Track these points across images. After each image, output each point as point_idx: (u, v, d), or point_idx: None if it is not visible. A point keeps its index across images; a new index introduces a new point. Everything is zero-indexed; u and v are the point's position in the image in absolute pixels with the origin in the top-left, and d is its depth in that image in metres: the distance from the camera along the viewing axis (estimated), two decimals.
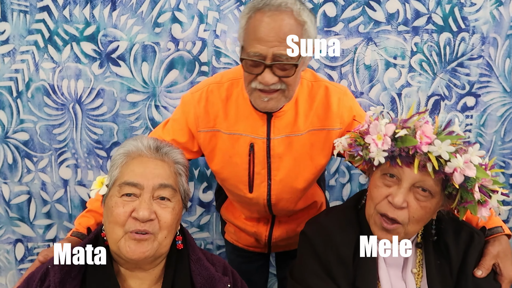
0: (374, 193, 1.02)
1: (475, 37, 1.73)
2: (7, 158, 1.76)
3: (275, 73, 1.08)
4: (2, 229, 1.84)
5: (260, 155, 1.24)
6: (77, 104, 1.73)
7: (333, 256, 1.04)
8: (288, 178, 1.27)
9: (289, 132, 1.23)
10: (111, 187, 0.98)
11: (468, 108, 1.81)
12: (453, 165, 0.92)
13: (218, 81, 1.27)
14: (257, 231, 1.43)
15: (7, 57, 1.67)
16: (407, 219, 0.99)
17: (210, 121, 1.25)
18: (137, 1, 1.64)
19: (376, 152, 0.98)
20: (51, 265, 0.91)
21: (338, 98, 1.25)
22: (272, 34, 1.04)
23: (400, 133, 0.96)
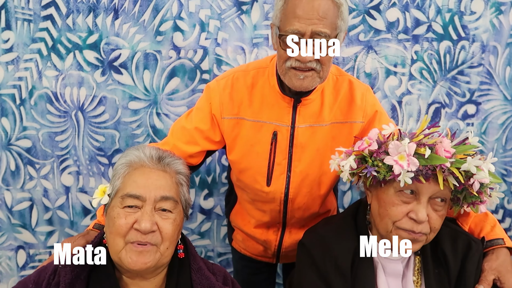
0: (393, 211, 1.01)
1: (475, 45, 1.74)
2: (10, 165, 1.78)
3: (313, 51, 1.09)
4: (4, 236, 1.84)
5: (282, 144, 1.25)
6: (79, 112, 1.74)
7: (332, 266, 1.05)
8: (308, 170, 1.27)
9: (313, 122, 1.25)
10: (113, 197, 0.98)
11: (469, 116, 1.81)
12: (479, 177, 0.97)
13: (244, 69, 1.29)
14: (267, 239, 1.41)
15: (10, 65, 1.69)
16: (429, 230, 1.01)
17: (235, 108, 1.26)
18: (139, 10, 1.66)
19: (403, 174, 0.97)
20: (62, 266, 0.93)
21: (362, 93, 1.27)
22: (310, 12, 1.06)
23: (427, 153, 0.96)
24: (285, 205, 1.32)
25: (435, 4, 1.70)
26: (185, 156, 1.25)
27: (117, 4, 1.65)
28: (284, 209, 1.33)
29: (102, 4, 1.65)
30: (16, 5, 1.64)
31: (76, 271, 0.94)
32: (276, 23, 1.14)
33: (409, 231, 1.00)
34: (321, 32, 1.07)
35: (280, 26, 1.12)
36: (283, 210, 1.33)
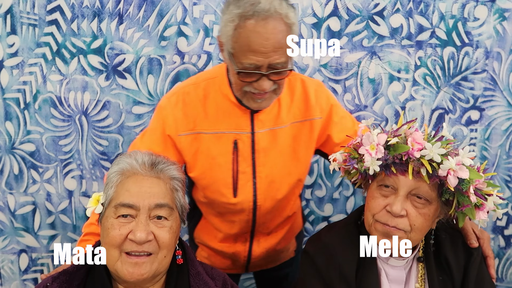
0: (372, 204, 1.04)
1: (478, 51, 1.74)
2: (13, 168, 1.78)
3: (270, 79, 1.09)
4: (7, 239, 1.84)
5: (244, 151, 1.23)
6: (83, 116, 1.74)
7: (336, 274, 1.05)
8: (273, 173, 1.27)
9: (273, 125, 1.24)
10: (107, 206, 0.96)
11: (472, 122, 1.81)
12: (446, 167, 0.95)
13: (193, 82, 1.26)
14: (235, 252, 1.38)
15: (15, 69, 1.70)
16: (408, 227, 1.00)
17: (190, 123, 1.23)
18: (143, 15, 1.67)
19: (370, 162, 1.01)
20: (50, 283, 0.91)
21: (315, 89, 1.29)
22: (266, 44, 1.04)
23: (392, 141, 1.00)
24: (254, 213, 1.30)
25: (438, 10, 1.70)
26: None
27: (121, 9, 1.66)
28: (253, 217, 1.31)
29: (107, 9, 1.66)
30: (21, 9, 1.65)
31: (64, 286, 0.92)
32: (228, 47, 1.10)
33: (384, 224, 1.01)
34: (278, 64, 1.06)
35: (234, 54, 1.08)
36: (252, 218, 1.31)
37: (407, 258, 1.08)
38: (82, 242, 1.14)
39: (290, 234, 1.45)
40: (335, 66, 1.74)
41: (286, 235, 1.43)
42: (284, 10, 1.05)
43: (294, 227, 1.47)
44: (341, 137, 1.29)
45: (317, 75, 1.73)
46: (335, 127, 1.30)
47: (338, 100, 1.75)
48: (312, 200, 1.86)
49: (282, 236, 1.41)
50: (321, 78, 1.74)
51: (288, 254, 1.49)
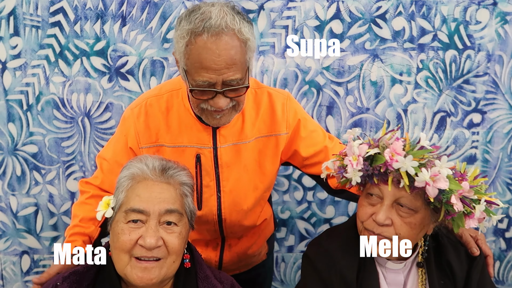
0: (360, 212, 1.06)
1: (480, 54, 1.74)
2: (16, 170, 1.78)
3: (226, 96, 1.06)
4: (9, 241, 1.85)
5: (207, 166, 1.22)
6: (85, 118, 1.75)
7: (337, 279, 1.05)
8: (238, 187, 1.25)
9: (236, 140, 1.22)
10: (117, 211, 0.97)
11: (474, 125, 1.81)
12: (420, 179, 0.95)
13: (156, 94, 1.23)
14: (206, 257, 1.37)
15: (18, 71, 1.70)
16: (394, 235, 1.01)
17: (152, 136, 1.21)
18: (146, 17, 1.68)
19: (352, 173, 1.02)
20: (60, 282, 0.92)
21: (282, 104, 1.25)
22: (218, 61, 1.00)
23: (370, 152, 1.00)
24: (220, 224, 1.30)
25: (440, 13, 1.71)
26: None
27: (124, 12, 1.67)
28: (219, 228, 1.31)
29: (110, 11, 1.66)
30: (24, 11, 1.66)
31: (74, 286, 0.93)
32: (182, 64, 1.07)
33: (370, 231, 1.03)
34: (232, 81, 1.03)
35: (187, 71, 1.05)
36: (219, 229, 1.31)
37: (405, 261, 1.08)
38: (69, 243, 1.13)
39: (261, 240, 1.45)
40: (337, 69, 1.74)
41: (258, 240, 1.43)
42: (237, 26, 1.02)
43: (266, 232, 1.47)
44: (309, 151, 1.27)
45: (319, 78, 1.74)
46: (302, 142, 1.27)
47: (340, 103, 1.76)
48: (314, 202, 1.86)
49: (253, 241, 1.41)
50: (323, 80, 1.74)
51: (260, 258, 1.49)
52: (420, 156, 0.99)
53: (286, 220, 1.88)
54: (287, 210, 1.87)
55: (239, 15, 1.04)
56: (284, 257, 1.92)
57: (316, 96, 1.76)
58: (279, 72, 1.73)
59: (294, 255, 1.92)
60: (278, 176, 1.83)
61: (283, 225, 1.89)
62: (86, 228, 1.16)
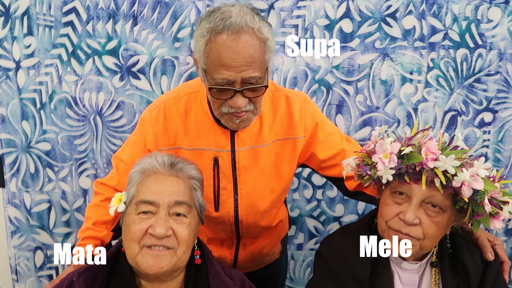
0: (384, 211, 1.04)
1: (492, 53, 1.73)
2: (29, 167, 1.81)
3: (245, 96, 1.06)
4: (23, 237, 1.88)
5: (225, 168, 1.22)
6: (97, 116, 1.77)
7: (350, 277, 1.05)
8: (255, 190, 1.26)
9: (254, 144, 1.22)
10: (129, 204, 1.00)
11: (485, 124, 1.80)
12: (460, 179, 0.94)
13: (175, 96, 1.23)
14: (222, 255, 1.38)
15: (32, 70, 1.73)
16: (421, 235, 1.00)
17: (171, 139, 1.22)
18: (157, 17, 1.69)
19: (383, 170, 1.01)
20: (76, 277, 0.94)
21: (300, 106, 1.24)
22: (237, 59, 1.00)
23: (406, 150, 0.99)
24: (237, 225, 1.30)
25: (451, 12, 1.70)
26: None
27: (136, 11, 1.68)
28: (236, 228, 1.31)
29: (122, 11, 1.68)
30: (38, 11, 1.68)
31: (89, 281, 0.95)
32: (201, 63, 1.07)
33: (397, 231, 1.01)
34: (251, 78, 1.03)
35: (207, 70, 1.05)
36: (235, 229, 1.32)
37: (420, 262, 1.08)
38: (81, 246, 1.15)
39: (276, 239, 1.46)
40: (347, 68, 1.74)
41: (272, 240, 1.44)
42: (257, 24, 1.02)
43: (281, 233, 1.48)
44: (327, 154, 1.27)
45: (329, 77, 1.74)
46: (319, 145, 1.27)
47: (350, 102, 1.76)
48: (324, 200, 1.87)
49: (268, 241, 1.42)
50: (333, 79, 1.74)
51: (273, 257, 1.50)
52: (459, 156, 0.98)
53: (296, 218, 1.89)
54: (297, 208, 1.88)
55: (258, 15, 1.05)
56: (294, 255, 1.93)
57: (326, 95, 1.76)
58: (288, 71, 1.73)
59: (304, 253, 1.93)
60: None
61: (292, 223, 1.90)
62: (99, 232, 1.18)
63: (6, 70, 1.73)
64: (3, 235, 1.89)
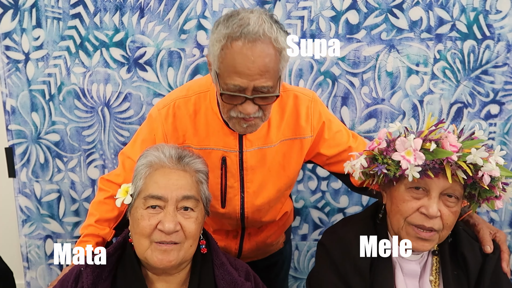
0: (403, 207, 1.04)
1: (500, 44, 1.71)
2: (39, 158, 1.85)
3: (255, 103, 1.06)
4: (34, 225, 1.93)
5: (232, 168, 1.24)
6: (105, 107, 1.80)
7: (351, 267, 1.07)
8: (261, 189, 1.27)
9: (261, 145, 1.23)
10: (136, 198, 1.02)
11: (492, 116, 1.79)
12: (486, 169, 0.98)
13: (184, 95, 1.24)
14: (226, 245, 1.40)
15: (41, 62, 1.75)
16: (441, 226, 1.03)
17: (180, 138, 1.23)
18: (164, 9, 1.70)
19: (410, 168, 1.00)
20: (84, 267, 0.97)
21: (307, 107, 1.25)
22: (252, 67, 1.00)
23: (432, 147, 0.99)
24: (242, 220, 1.33)
25: (459, 3, 1.68)
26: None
27: (143, 3, 1.69)
28: (241, 222, 1.34)
29: (129, 3, 1.69)
30: (46, 3, 1.70)
31: (97, 272, 0.97)
32: (215, 67, 1.07)
33: (419, 226, 1.02)
34: (263, 87, 1.03)
35: (220, 74, 1.06)
36: (241, 223, 1.34)
37: (422, 252, 1.10)
38: (82, 243, 1.17)
39: (280, 230, 1.49)
40: (353, 60, 1.74)
41: (277, 231, 1.47)
42: (274, 34, 1.02)
43: (286, 224, 1.51)
44: (333, 151, 1.29)
45: (335, 68, 1.74)
46: (325, 143, 1.28)
47: (355, 93, 1.77)
48: (328, 192, 1.88)
49: (273, 232, 1.44)
50: (339, 71, 1.74)
51: (277, 246, 1.52)
52: (478, 146, 1.01)
53: (300, 209, 1.91)
54: (301, 200, 1.90)
55: (276, 24, 1.05)
56: (298, 245, 1.95)
57: (331, 86, 1.76)
58: (294, 63, 1.74)
59: (308, 243, 1.95)
60: None
61: (297, 214, 1.91)
62: (101, 229, 1.20)
63: (15, 62, 1.75)
64: (14, 224, 1.94)
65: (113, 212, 1.22)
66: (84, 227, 1.22)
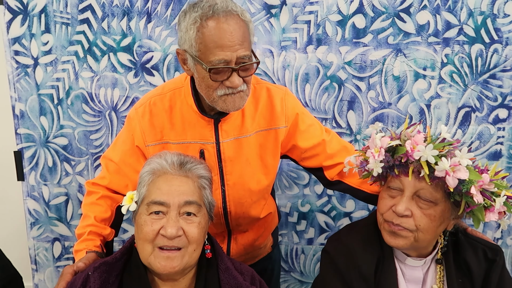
0: (380, 204, 1.10)
1: (508, 48, 1.70)
2: (48, 161, 1.87)
3: (240, 75, 1.11)
4: (42, 228, 1.95)
5: (211, 160, 1.26)
6: (113, 112, 1.81)
7: (356, 274, 1.07)
8: (241, 181, 1.29)
9: (237, 135, 1.26)
10: (140, 204, 1.03)
11: (500, 120, 1.78)
12: (440, 168, 0.97)
13: (159, 93, 1.28)
14: None
15: (49, 67, 1.77)
16: (413, 226, 1.04)
17: (157, 134, 1.26)
18: (171, 14, 1.71)
19: (373, 164, 1.06)
20: (91, 272, 0.98)
21: (281, 98, 1.29)
22: (232, 38, 1.07)
23: (391, 143, 1.04)
24: (226, 217, 1.33)
25: (467, 6, 1.67)
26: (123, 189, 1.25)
27: (150, 8, 1.71)
28: (225, 221, 1.35)
29: (136, 8, 1.71)
30: (55, 9, 1.72)
31: (104, 276, 0.98)
32: (192, 51, 1.11)
33: (389, 222, 1.05)
34: (244, 56, 1.09)
35: (200, 56, 1.09)
36: (225, 222, 1.35)
37: (425, 258, 1.09)
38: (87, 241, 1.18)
39: (267, 232, 1.49)
40: (359, 64, 1.73)
41: (264, 233, 1.47)
42: (239, 9, 1.10)
43: (271, 225, 1.51)
44: (308, 144, 1.31)
45: (341, 72, 1.74)
46: (301, 135, 1.31)
47: (362, 98, 1.76)
48: (334, 196, 1.88)
49: (259, 234, 1.45)
50: (345, 75, 1.74)
51: (265, 250, 1.53)
52: (440, 147, 1.01)
53: (306, 213, 1.91)
54: (307, 204, 1.89)
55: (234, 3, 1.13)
56: (304, 249, 1.95)
57: (338, 91, 1.76)
58: (300, 67, 1.74)
59: (314, 247, 1.95)
60: (299, 170, 1.85)
61: (303, 218, 1.91)
62: (102, 229, 1.22)
63: (24, 66, 1.77)
64: (23, 227, 1.96)
65: (107, 212, 1.25)
66: (82, 227, 1.23)
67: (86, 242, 1.18)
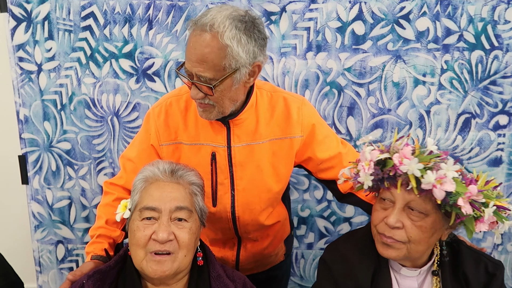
0: (373, 216, 1.11)
1: (508, 55, 1.69)
2: (51, 165, 1.90)
3: (200, 89, 1.10)
4: (45, 231, 1.98)
5: (222, 164, 1.26)
6: (115, 117, 1.83)
7: (352, 284, 1.09)
8: (251, 187, 1.29)
9: (250, 140, 1.26)
10: (133, 211, 1.05)
11: (500, 126, 1.77)
12: (426, 181, 0.98)
13: (177, 94, 1.30)
14: (224, 256, 1.42)
15: (53, 73, 1.80)
16: (405, 238, 1.04)
17: (171, 134, 1.27)
18: (172, 21, 1.73)
19: (363, 177, 1.08)
20: (86, 280, 1.00)
21: (298, 107, 1.28)
22: (193, 54, 1.06)
23: (380, 157, 1.05)
24: (234, 222, 1.34)
25: (467, 13, 1.67)
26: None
27: (151, 15, 1.73)
28: (234, 226, 1.35)
29: (137, 15, 1.73)
30: (58, 16, 1.75)
31: (98, 284, 1.01)
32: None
33: (382, 234, 1.06)
34: (201, 76, 1.07)
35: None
36: (233, 227, 1.35)
37: (420, 269, 1.10)
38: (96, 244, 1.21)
39: (277, 241, 1.48)
40: (359, 70, 1.74)
41: (273, 241, 1.46)
42: (223, 29, 1.04)
43: (281, 233, 1.49)
44: (325, 155, 1.30)
45: (341, 79, 1.75)
46: (318, 146, 1.30)
47: (361, 104, 1.77)
48: (334, 201, 1.88)
49: (268, 242, 1.44)
50: (345, 81, 1.75)
51: (277, 258, 1.52)
52: (427, 160, 1.02)
53: (306, 218, 1.92)
54: (307, 209, 1.91)
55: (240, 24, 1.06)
56: (304, 254, 1.96)
57: (337, 97, 1.77)
58: (300, 73, 1.75)
59: (314, 252, 1.96)
60: (299, 175, 1.86)
61: (303, 223, 1.92)
62: (112, 231, 1.24)
63: (28, 73, 1.80)
64: (27, 229, 2.00)
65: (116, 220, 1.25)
66: (94, 228, 1.26)
67: (94, 245, 1.21)
